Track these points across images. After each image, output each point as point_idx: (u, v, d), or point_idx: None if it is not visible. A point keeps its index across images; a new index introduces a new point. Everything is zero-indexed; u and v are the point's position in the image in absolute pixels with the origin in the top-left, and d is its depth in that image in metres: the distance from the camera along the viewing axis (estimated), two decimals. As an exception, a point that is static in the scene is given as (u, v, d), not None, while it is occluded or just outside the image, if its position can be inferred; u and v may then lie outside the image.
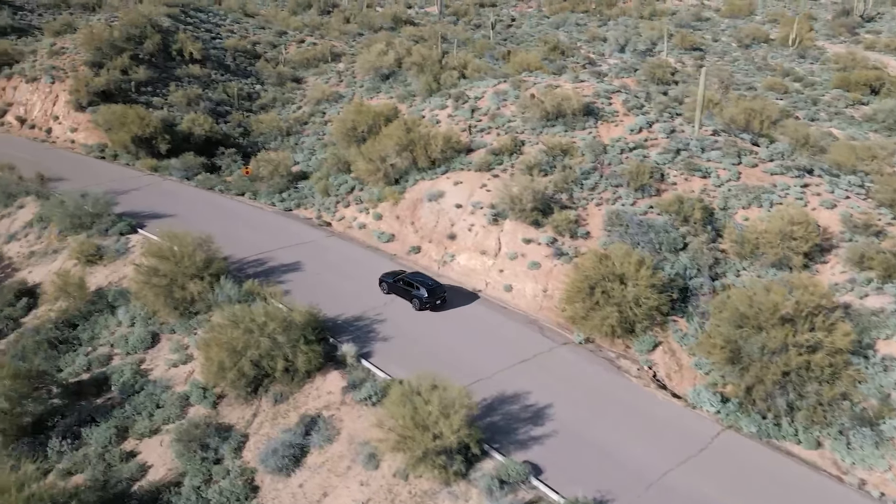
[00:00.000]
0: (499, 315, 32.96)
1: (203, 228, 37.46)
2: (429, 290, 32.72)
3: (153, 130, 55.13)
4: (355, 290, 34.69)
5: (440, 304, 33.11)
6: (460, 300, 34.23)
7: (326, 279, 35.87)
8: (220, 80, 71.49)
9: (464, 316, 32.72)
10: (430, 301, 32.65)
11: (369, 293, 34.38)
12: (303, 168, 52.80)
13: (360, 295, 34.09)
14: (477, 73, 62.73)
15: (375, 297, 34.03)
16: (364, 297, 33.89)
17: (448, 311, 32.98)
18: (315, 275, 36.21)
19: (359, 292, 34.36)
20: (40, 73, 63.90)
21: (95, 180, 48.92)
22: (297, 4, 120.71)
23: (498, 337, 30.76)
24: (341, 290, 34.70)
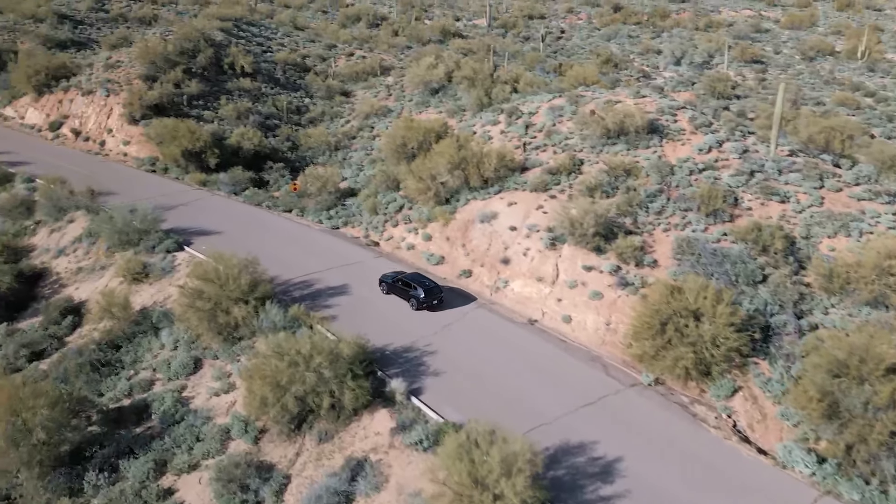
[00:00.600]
0: (558, 349, 30.45)
1: (249, 247, 36.23)
2: (426, 290, 33.04)
3: (203, 144, 54.53)
4: (405, 317, 32.68)
5: (437, 305, 33.36)
6: (517, 332, 31.89)
7: (375, 304, 33.97)
8: (269, 94, 70.99)
9: (521, 349, 30.34)
10: (427, 301, 32.97)
11: (420, 321, 32.32)
12: (351, 184, 51.30)
13: (410, 323, 32.06)
14: (530, 87, 60.46)
15: (426, 324, 31.95)
16: (414, 325, 31.84)
17: (504, 341, 30.67)
18: (363, 299, 34.35)
19: (409, 321, 32.33)
20: (96, 86, 64.34)
21: (145, 194, 48.38)
22: (346, 17, 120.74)
23: (558, 374, 28.25)
24: (390, 316, 32.73)
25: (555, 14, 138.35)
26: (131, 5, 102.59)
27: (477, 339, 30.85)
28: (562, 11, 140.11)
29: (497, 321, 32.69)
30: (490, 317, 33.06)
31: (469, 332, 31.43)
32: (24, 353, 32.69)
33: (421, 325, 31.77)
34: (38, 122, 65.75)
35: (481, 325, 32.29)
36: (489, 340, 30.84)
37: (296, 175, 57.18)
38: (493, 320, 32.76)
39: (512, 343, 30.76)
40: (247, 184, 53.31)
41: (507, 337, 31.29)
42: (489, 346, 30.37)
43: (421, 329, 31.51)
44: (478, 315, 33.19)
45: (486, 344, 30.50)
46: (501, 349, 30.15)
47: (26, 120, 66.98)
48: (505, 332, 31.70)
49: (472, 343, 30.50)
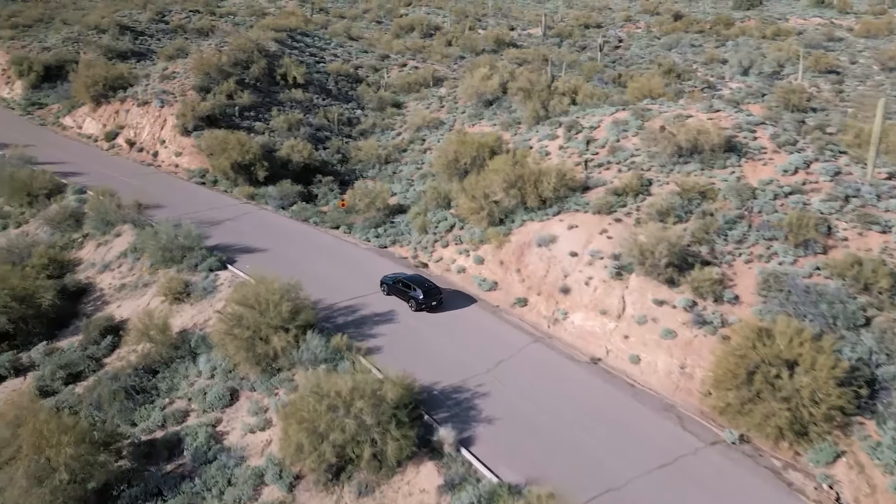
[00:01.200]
0: (626, 394, 27.14)
1: (294, 266, 34.36)
2: (424, 291, 33.12)
3: (252, 157, 53.21)
4: (455, 351, 29.93)
5: (436, 306, 33.35)
6: (578, 372, 28.72)
7: (421, 334, 31.33)
8: (321, 105, 69.64)
9: (583, 392, 27.16)
10: (426, 302, 33.05)
11: (472, 355, 29.50)
12: (400, 200, 49.00)
13: (461, 358, 29.28)
14: (590, 99, 57.07)
15: (480, 360, 29.11)
16: (466, 360, 29.04)
17: (564, 383, 27.57)
18: (409, 329, 31.77)
19: (459, 355, 29.56)
20: (151, 96, 64.16)
21: (192, 208, 47.21)
22: (400, 28, 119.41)
23: (627, 426, 24.96)
24: (438, 348, 30.04)
25: (612, 23, 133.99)
26: (190, 17, 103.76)
27: (534, 379, 27.82)
28: (619, 20, 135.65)
29: (556, 359, 29.58)
30: (548, 353, 29.97)
31: (525, 371, 28.43)
32: (61, 376, 31.35)
33: (475, 362, 28.93)
34: (94, 132, 66.04)
35: (538, 362, 29.25)
36: (547, 381, 27.76)
37: (345, 189, 55.41)
38: (552, 358, 29.67)
39: (573, 385, 27.61)
40: (295, 198, 51.65)
41: (568, 378, 28.14)
42: (547, 387, 27.29)
43: (472, 364, 28.69)
44: (534, 351, 30.15)
45: (544, 385, 27.43)
46: (561, 392, 27.03)
47: (84, 130, 67.40)
48: (565, 372, 28.57)
49: (528, 383, 27.49)
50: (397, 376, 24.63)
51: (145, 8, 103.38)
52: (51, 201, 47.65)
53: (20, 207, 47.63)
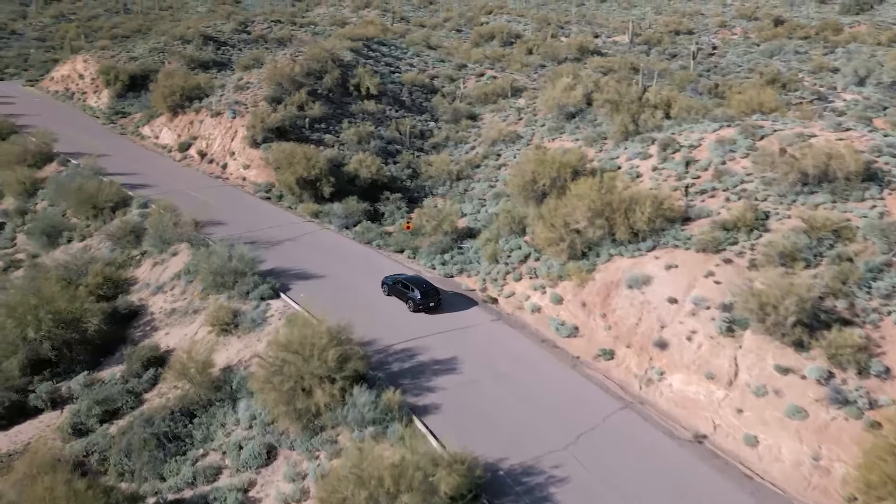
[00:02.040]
0: (741, 489, 21.48)
1: (350, 296, 30.87)
2: (422, 292, 32.94)
3: (318, 172, 50.16)
4: (528, 415, 25.10)
5: (434, 307, 33.04)
6: (679, 453, 23.23)
7: (488, 390, 26.68)
8: (393, 117, 66.31)
9: (685, 482, 21.70)
10: (423, 303, 32.81)
11: (548, 422, 24.61)
12: (470, 223, 44.58)
13: (534, 425, 24.44)
14: (686, 112, 50.74)
15: (557, 430, 24.18)
16: (540, 429, 24.19)
17: (661, 466, 22.20)
18: (473, 382, 27.17)
19: (533, 420, 24.72)
20: (224, 107, 62.73)
21: (253, 226, 44.59)
22: (479, 36, 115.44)
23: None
24: (509, 411, 25.30)
25: (705, 29, 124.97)
26: (272, 27, 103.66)
27: (624, 462, 22.61)
28: (713, 26, 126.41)
29: (650, 433, 24.22)
30: (640, 426, 24.64)
31: (613, 449, 23.24)
32: (97, 412, 28.73)
33: (552, 432, 24.01)
34: (169, 142, 65.33)
35: (629, 438, 23.97)
36: (641, 464, 22.47)
37: (413, 206, 51.62)
38: (646, 432, 24.32)
39: (673, 472, 22.19)
40: (360, 216, 48.16)
41: (666, 460, 22.74)
42: (641, 474, 22.01)
43: (548, 435, 23.78)
44: (624, 421, 24.88)
45: (638, 470, 22.16)
46: (659, 481, 21.68)
47: (160, 140, 66.91)
48: (663, 452, 23.18)
49: (617, 467, 22.30)
50: (456, 456, 20.09)
51: (229, 19, 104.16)
52: (115, 215, 46.18)
53: (86, 220, 46.40)
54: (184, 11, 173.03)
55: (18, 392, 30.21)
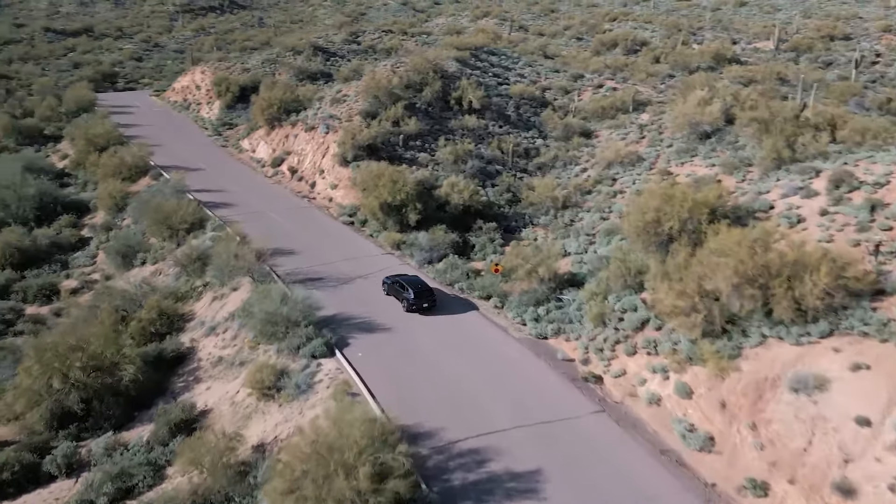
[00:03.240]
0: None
1: (418, 360, 24.42)
2: (416, 292, 32.05)
3: (404, 197, 44.16)
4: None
5: (427, 308, 32.13)
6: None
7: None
8: (496, 133, 59.31)
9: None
10: (416, 303, 31.97)
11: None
12: (574, 266, 36.62)
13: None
14: (860, 135, 39.60)
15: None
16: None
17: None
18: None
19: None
20: (318, 121, 58.73)
21: (326, 257, 39.35)
22: (601, 44, 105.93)
23: None
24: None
25: (864, 34, 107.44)
26: (382, 37, 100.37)
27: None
28: (874, 30, 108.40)
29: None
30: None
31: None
32: (108, 490, 23.95)
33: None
34: (264, 157, 62.43)
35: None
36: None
37: (509, 238, 44.50)
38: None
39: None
40: (446, 249, 41.58)
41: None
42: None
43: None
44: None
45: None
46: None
47: (256, 153, 64.27)
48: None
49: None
50: None
51: (341, 29, 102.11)
52: (189, 237, 42.68)
53: (162, 241, 43.31)
54: (312, 24, 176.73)
55: (36, 451, 26.23)
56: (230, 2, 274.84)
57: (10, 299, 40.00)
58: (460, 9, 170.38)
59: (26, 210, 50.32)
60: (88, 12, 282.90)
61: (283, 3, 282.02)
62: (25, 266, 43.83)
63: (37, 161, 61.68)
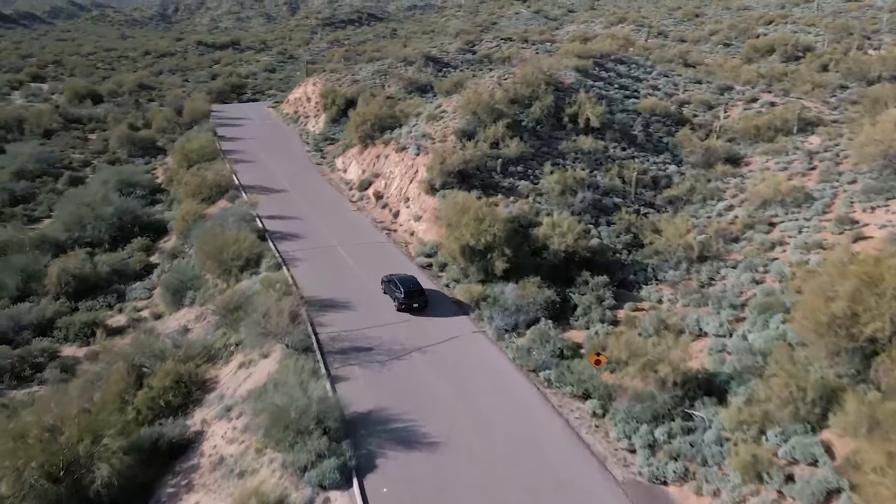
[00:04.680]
0: None
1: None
2: (406, 292, 31.54)
3: (491, 239, 35.15)
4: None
5: (418, 308, 31.46)
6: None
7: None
8: (617, 158, 48.55)
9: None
10: (406, 302, 31.43)
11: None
12: (712, 358, 25.70)
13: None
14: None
15: None
16: None
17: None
18: None
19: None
20: (410, 141, 51.27)
21: (382, 316, 31.35)
22: (754, 50, 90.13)
23: None
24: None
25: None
26: (500, 45, 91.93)
27: None
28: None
29: None
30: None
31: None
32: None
33: None
34: (353, 178, 56.12)
35: None
36: None
37: (624, 296, 34.18)
38: None
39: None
40: (538, 311, 32.11)
41: None
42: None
43: None
44: None
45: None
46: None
47: (347, 174, 58.20)
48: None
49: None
50: None
51: (457, 37, 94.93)
52: (242, 276, 36.59)
53: (216, 278, 37.63)
54: (443, 35, 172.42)
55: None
56: (368, 14, 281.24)
57: (51, 336, 35.89)
58: (595, 16, 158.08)
59: (102, 231, 47.19)
60: (243, 27, 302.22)
61: (417, 15, 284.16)
62: (82, 295, 40.01)
63: (134, 175, 59.65)
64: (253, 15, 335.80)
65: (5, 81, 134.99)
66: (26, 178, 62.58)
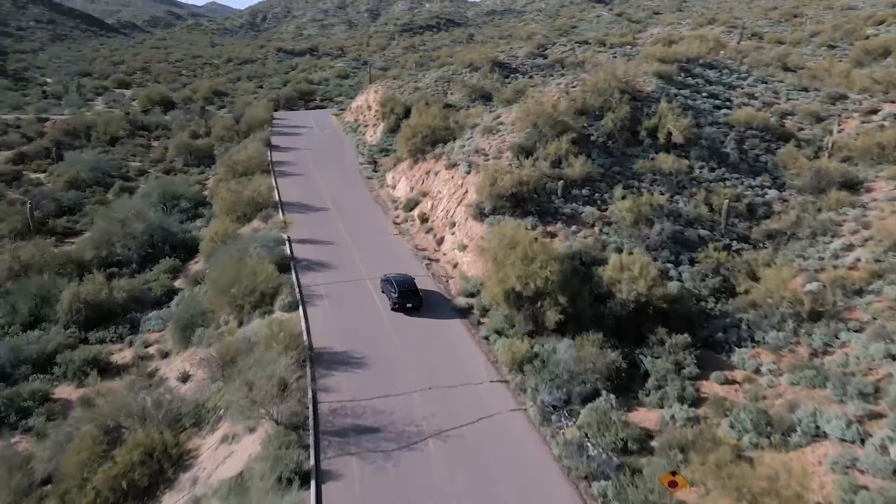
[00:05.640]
0: None
1: None
2: (399, 292, 31.23)
3: (543, 284, 28.49)
4: None
5: (411, 308, 31.13)
6: None
7: None
8: (704, 181, 40.56)
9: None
10: (399, 302, 31.11)
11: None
12: (840, 488, 18.02)
13: None
14: None
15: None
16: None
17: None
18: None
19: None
20: (461, 157, 45.20)
21: (403, 381, 25.41)
22: (864, 52, 78.07)
23: None
24: None
25: None
26: (574, 49, 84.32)
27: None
28: None
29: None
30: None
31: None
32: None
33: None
34: (401, 196, 50.65)
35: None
36: None
37: (709, 361, 26.87)
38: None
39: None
40: (598, 380, 25.30)
41: None
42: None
43: None
44: None
45: None
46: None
47: (396, 191, 52.83)
48: None
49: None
50: None
51: (528, 41, 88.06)
52: (254, 314, 31.70)
53: (227, 314, 32.94)
54: (521, 40, 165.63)
55: None
56: (446, 20, 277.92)
57: (51, 372, 32.24)
58: (682, 17, 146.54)
59: (131, 249, 43.88)
60: (326, 34, 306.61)
61: (496, 20, 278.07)
62: (96, 324, 36.46)
63: (180, 187, 56.70)
64: (336, 22, 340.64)
65: (91, 87, 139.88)
66: (78, 187, 61.17)
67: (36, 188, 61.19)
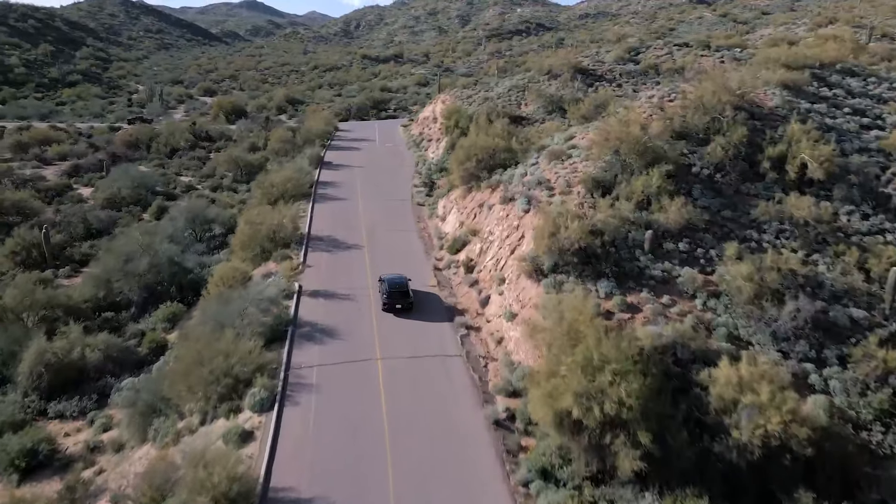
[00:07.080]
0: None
1: None
2: (389, 293, 30.49)
3: (615, 408, 18.31)
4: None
5: (401, 310, 30.34)
6: None
7: None
8: (855, 233, 28.57)
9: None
10: (388, 302, 30.38)
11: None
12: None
13: None
14: None
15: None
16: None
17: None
18: None
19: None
20: (520, 189, 35.43)
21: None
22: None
23: None
24: None
25: None
26: (672, 52, 71.94)
27: None
28: None
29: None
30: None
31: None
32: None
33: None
34: (449, 232, 41.55)
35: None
36: None
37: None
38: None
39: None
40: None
41: None
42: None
43: None
44: None
45: None
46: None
47: (445, 224, 43.79)
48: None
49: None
50: None
51: (618, 43, 76.47)
52: (233, 399, 23.63)
53: (191, 405, 25.01)
54: (614, 43, 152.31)
55: None
56: (536, 24, 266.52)
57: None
58: (795, 17, 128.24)
59: (132, 289, 37.45)
60: (416, 40, 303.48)
61: (589, 24, 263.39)
62: (62, 390, 29.80)
63: (210, 211, 50.34)
64: (426, 28, 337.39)
65: (176, 95, 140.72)
66: (116, 206, 56.50)
67: (76, 205, 57.07)
